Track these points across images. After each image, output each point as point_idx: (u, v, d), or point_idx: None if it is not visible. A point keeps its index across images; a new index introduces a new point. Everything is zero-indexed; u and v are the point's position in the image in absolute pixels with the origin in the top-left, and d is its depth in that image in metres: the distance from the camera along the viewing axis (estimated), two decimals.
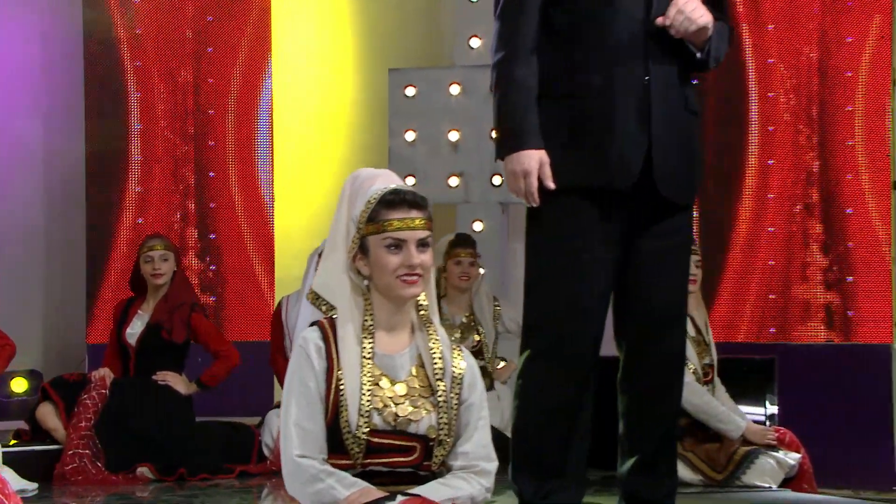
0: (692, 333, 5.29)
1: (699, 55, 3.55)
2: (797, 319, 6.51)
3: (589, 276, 3.49)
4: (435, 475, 3.09)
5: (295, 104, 7.83)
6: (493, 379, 6.29)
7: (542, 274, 3.54)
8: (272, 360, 6.13)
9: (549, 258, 3.53)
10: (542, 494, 3.52)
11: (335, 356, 3.04)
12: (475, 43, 7.24)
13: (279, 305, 6.16)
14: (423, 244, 3.06)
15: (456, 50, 7.41)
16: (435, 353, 3.09)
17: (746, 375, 5.95)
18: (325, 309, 3.09)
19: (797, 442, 5.26)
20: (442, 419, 3.06)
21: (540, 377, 3.52)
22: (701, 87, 6.54)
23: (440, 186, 7.21)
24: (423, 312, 3.13)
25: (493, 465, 3.13)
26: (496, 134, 3.58)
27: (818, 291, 6.47)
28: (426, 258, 3.06)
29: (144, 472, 5.67)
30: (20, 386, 7.38)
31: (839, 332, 6.41)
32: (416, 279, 3.04)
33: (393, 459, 3.04)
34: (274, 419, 5.84)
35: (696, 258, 5.16)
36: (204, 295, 7.40)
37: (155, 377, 5.94)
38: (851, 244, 6.36)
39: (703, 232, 6.76)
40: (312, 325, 3.11)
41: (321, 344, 3.05)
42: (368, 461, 3.03)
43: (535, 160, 3.46)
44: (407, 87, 7.29)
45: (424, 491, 3.00)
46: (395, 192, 3.08)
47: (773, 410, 5.85)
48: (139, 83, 7.54)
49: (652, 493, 3.65)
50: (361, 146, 7.82)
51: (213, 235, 7.57)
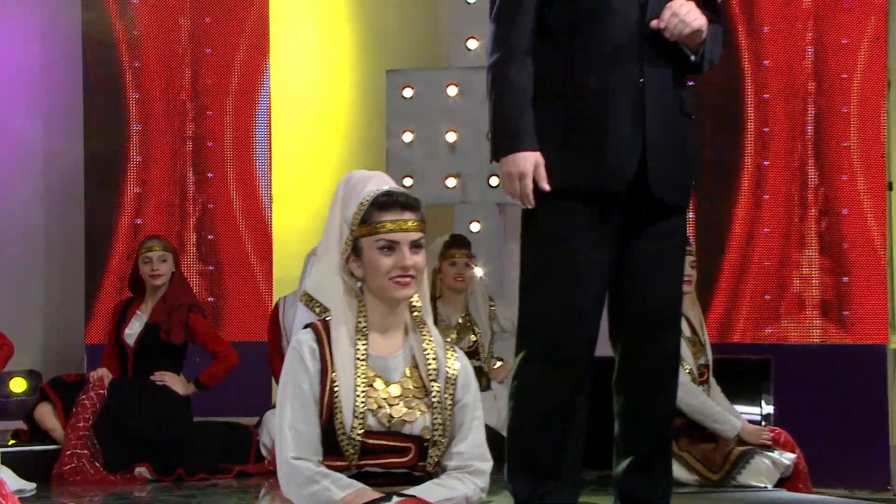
0: (687, 334, 5.30)
1: (693, 58, 3.56)
2: (793, 319, 6.52)
3: (584, 277, 3.50)
4: (430, 476, 3.08)
5: (293, 105, 7.84)
6: (489, 379, 6.32)
7: (537, 275, 3.56)
8: (269, 360, 6.14)
9: (544, 260, 3.54)
10: (537, 495, 3.53)
11: (329, 358, 3.03)
12: (472, 44, 7.22)
13: (276, 306, 6.18)
14: (416, 246, 3.06)
15: (453, 51, 7.40)
16: (429, 354, 3.09)
17: (742, 375, 5.94)
18: (318, 311, 3.08)
19: (792, 442, 5.27)
20: (436, 420, 3.05)
21: (535, 379, 3.53)
22: (697, 88, 6.56)
23: (437, 187, 7.22)
24: (416, 314, 3.12)
25: (487, 464, 3.12)
26: (491, 135, 3.58)
27: (814, 292, 6.48)
28: (419, 260, 3.05)
29: (142, 472, 5.67)
30: (19, 386, 7.39)
31: (835, 332, 6.42)
32: (409, 281, 3.04)
33: (388, 460, 3.03)
34: (272, 419, 5.84)
35: (690, 259, 5.17)
36: (202, 295, 7.42)
37: (153, 377, 5.95)
38: (847, 245, 6.38)
39: (699, 232, 6.78)
40: (306, 327, 3.10)
41: (315, 346, 3.04)
42: (363, 462, 3.02)
43: (530, 162, 3.47)
44: (404, 88, 7.28)
45: (419, 491, 3.00)
46: (387, 193, 3.07)
47: (768, 410, 5.85)
48: (138, 84, 7.55)
49: (647, 493, 3.67)
50: (359, 147, 7.82)
51: (211, 236, 7.58)
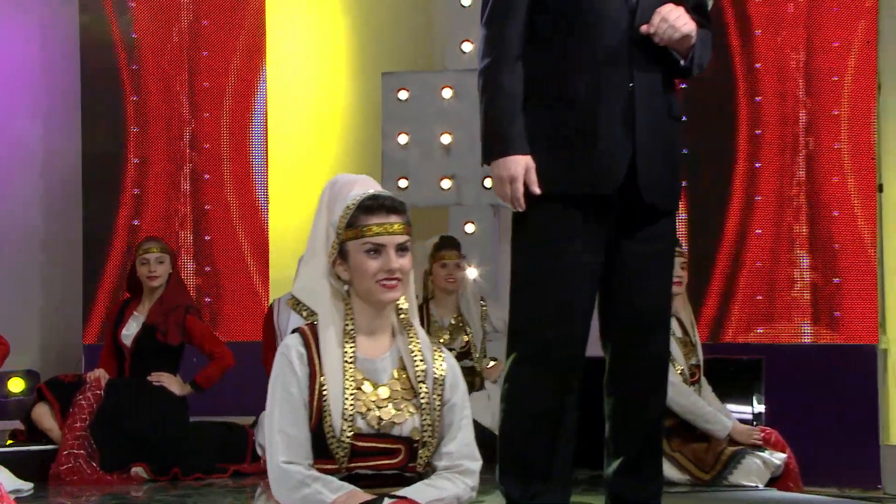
0: (679, 334, 5.32)
1: (683, 63, 3.58)
2: (784, 320, 6.53)
3: (574, 280, 3.52)
4: (421, 476, 3.10)
5: (289, 107, 7.85)
6: (482, 378, 6.35)
7: (527, 278, 3.57)
8: (265, 361, 6.14)
9: (534, 263, 3.56)
10: (528, 496, 3.55)
11: (317, 362, 3.04)
12: (467, 47, 7.22)
13: (271, 308, 6.19)
14: (402, 249, 3.07)
15: (448, 54, 7.40)
16: (416, 355, 3.10)
17: (734, 375, 5.95)
18: (305, 314, 3.09)
19: (783, 442, 5.28)
20: (425, 421, 3.06)
21: (526, 381, 3.55)
22: (690, 91, 6.60)
23: (432, 189, 7.23)
24: (403, 316, 3.13)
25: (477, 464, 3.14)
26: (482, 139, 3.59)
27: (805, 292, 6.49)
28: (405, 262, 3.07)
29: (139, 472, 5.69)
30: (17, 386, 7.39)
31: (825, 332, 6.43)
32: (395, 283, 3.05)
33: (378, 462, 3.04)
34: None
35: (681, 260, 5.20)
36: (199, 296, 7.45)
37: (150, 378, 5.96)
38: (837, 246, 6.39)
39: (691, 234, 6.79)
40: (294, 331, 3.11)
41: (303, 350, 3.05)
42: (354, 465, 3.03)
43: (521, 165, 3.49)
44: (400, 90, 7.28)
45: (410, 492, 3.01)
46: (373, 197, 3.08)
47: (760, 410, 5.88)
48: (135, 86, 7.58)
49: (637, 494, 3.68)
50: (355, 149, 7.83)
51: (208, 237, 7.61)
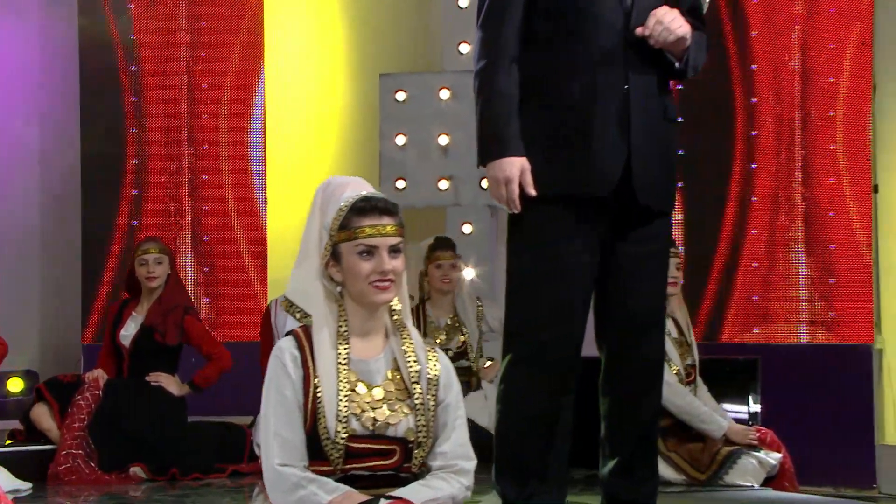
0: (674, 334, 5.34)
1: (678, 65, 3.60)
2: (780, 320, 6.53)
3: (570, 281, 3.54)
4: (416, 476, 3.10)
5: (287, 108, 7.86)
6: (479, 378, 6.37)
7: (523, 280, 3.59)
8: (262, 361, 6.16)
9: (530, 264, 3.57)
10: (525, 496, 3.56)
11: (311, 364, 3.04)
12: (465, 48, 7.23)
13: (268, 308, 6.20)
14: (394, 250, 3.07)
15: (446, 55, 7.42)
16: (409, 356, 3.10)
17: (730, 375, 5.95)
18: (298, 316, 3.07)
19: (778, 441, 5.30)
20: (420, 421, 3.06)
21: (522, 383, 3.56)
22: (686, 92, 6.62)
23: (430, 189, 7.25)
24: (396, 317, 3.14)
25: (471, 463, 3.14)
26: (478, 141, 3.60)
27: (801, 293, 6.50)
28: (398, 264, 3.07)
29: (137, 471, 5.69)
30: (16, 386, 7.41)
31: (821, 332, 6.44)
32: (388, 285, 3.05)
33: (373, 463, 3.04)
34: None
35: (676, 261, 5.22)
36: (198, 296, 7.47)
37: (148, 378, 5.97)
38: (833, 246, 6.39)
39: (688, 234, 6.81)
40: (287, 334, 3.11)
41: (296, 353, 3.06)
42: (349, 466, 3.03)
43: (516, 167, 3.50)
44: (397, 91, 7.30)
45: (406, 493, 3.01)
46: (366, 199, 3.08)
47: (756, 410, 5.90)
48: (134, 88, 7.60)
49: (632, 495, 3.70)
50: (353, 149, 7.84)
51: (206, 237, 7.63)
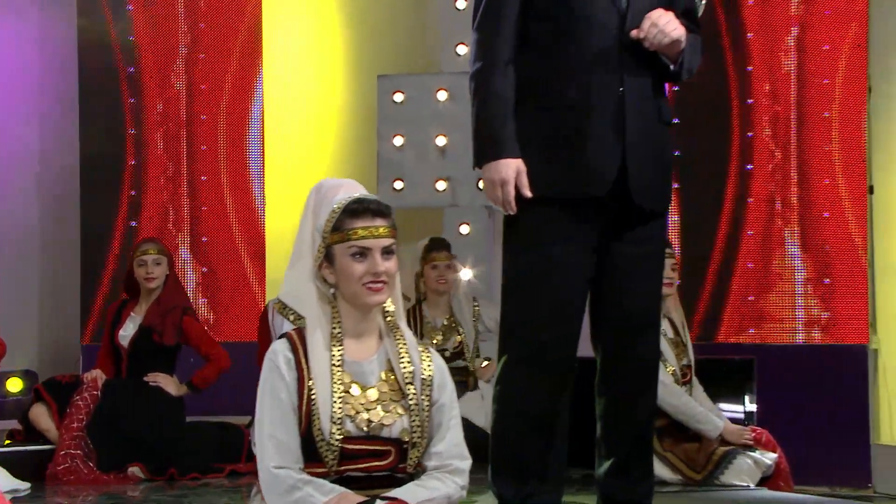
0: (670, 335, 5.36)
1: (673, 67, 3.61)
2: (776, 321, 6.53)
3: (566, 282, 3.55)
4: (412, 477, 3.11)
5: (286, 109, 7.86)
6: (476, 378, 6.39)
7: (519, 281, 3.60)
8: (260, 362, 6.18)
9: (525, 265, 3.58)
10: (522, 496, 3.57)
11: (305, 366, 3.06)
12: (462, 50, 7.23)
13: (266, 309, 6.20)
14: (387, 252, 3.08)
15: (443, 57, 7.43)
16: (403, 357, 3.11)
17: (726, 375, 5.97)
18: (292, 318, 3.11)
19: (773, 441, 5.32)
20: (414, 422, 3.08)
21: (519, 383, 3.57)
22: (682, 93, 6.64)
23: (428, 190, 7.27)
24: (390, 318, 3.15)
25: (466, 462, 3.16)
26: (474, 143, 3.61)
27: (796, 293, 6.50)
28: (391, 265, 3.08)
29: (135, 471, 5.71)
30: (15, 386, 7.42)
31: (816, 333, 6.43)
32: (381, 286, 3.06)
33: (368, 464, 3.06)
34: None
35: (671, 261, 5.24)
36: (196, 296, 7.49)
37: (146, 378, 5.99)
38: (828, 247, 6.38)
39: (684, 235, 6.82)
40: (281, 337, 3.14)
41: (290, 355, 3.08)
42: (344, 468, 3.04)
43: (512, 169, 3.52)
44: (395, 92, 7.31)
45: (401, 493, 3.03)
46: (358, 201, 3.10)
47: (751, 410, 5.91)
48: (133, 89, 7.63)
49: (628, 495, 3.71)
50: (351, 150, 7.85)
51: (205, 238, 7.65)
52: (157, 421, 5.87)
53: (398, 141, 7.32)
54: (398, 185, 7.28)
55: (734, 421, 5.52)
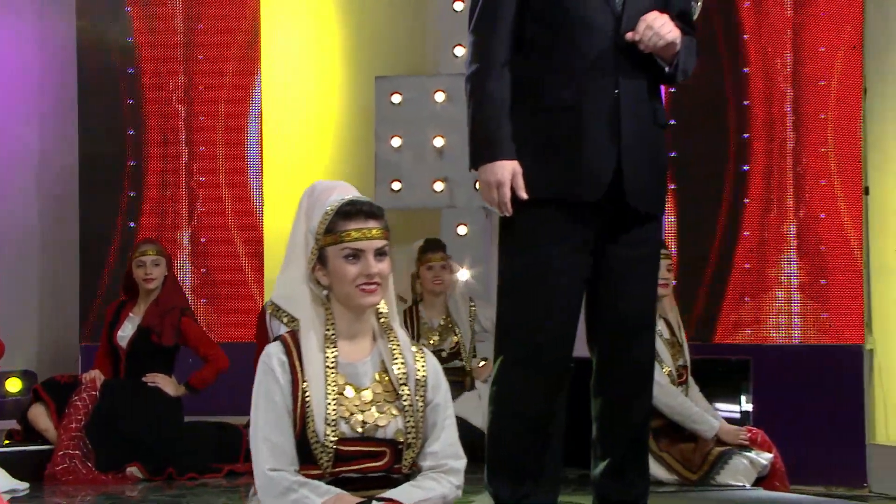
0: (666, 335, 5.37)
1: (668, 69, 3.62)
2: (772, 321, 6.55)
3: (561, 284, 3.56)
4: (407, 477, 3.12)
5: (284, 110, 7.88)
6: (473, 378, 6.41)
7: (514, 283, 3.61)
8: (257, 363, 6.19)
9: (521, 267, 3.59)
10: (519, 497, 3.58)
11: (299, 369, 3.07)
12: (460, 52, 7.23)
13: (263, 309, 6.22)
14: (380, 253, 3.08)
15: (441, 58, 7.45)
16: (397, 358, 3.12)
17: (722, 376, 5.98)
18: (286, 321, 3.12)
19: (769, 442, 5.33)
20: (409, 423, 3.08)
21: (517, 384, 3.58)
22: (678, 95, 6.65)
23: (425, 191, 7.29)
24: (383, 320, 3.15)
25: (461, 462, 3.17)
26: (470, 145, 3.62)
27: (792, 294, 6.51)
28: (384, 267, 3.08)
29: (134, 471, 5.73)
30: (14, 386, 7.44)
31: (812, 333, 6.44)
32: (374, 288, 3.06)
33: (363, 465, 3.06)
34: None
35: (667, 262, 5.25)
36: (195, 297, 7.50)
37: (144, 379, 6.00)
38: (824, 248, 6.39)
39: (681, 236, 6.83)
40: (275, 339, 3.14)
41: (284, 358, 3.09)
42: (339, 469, 3.05)
43: (507, 171, 3.53)
44: (393, 94, 7.33)
45: (397, 494, 3.03)
46: (351, 202, 3.10)
47: (748, 410, 5.93)
48: (131, 89, 7.64)
49: (623, 496, 3.72)
50: (349, 151, 7.86)
51: (203, 239, 7.67)
52: (155, 421, 5.89)
53: (396, 142, 7.33)
54: (396, 186, 7.30)
55: (730, 421, 5.53)
